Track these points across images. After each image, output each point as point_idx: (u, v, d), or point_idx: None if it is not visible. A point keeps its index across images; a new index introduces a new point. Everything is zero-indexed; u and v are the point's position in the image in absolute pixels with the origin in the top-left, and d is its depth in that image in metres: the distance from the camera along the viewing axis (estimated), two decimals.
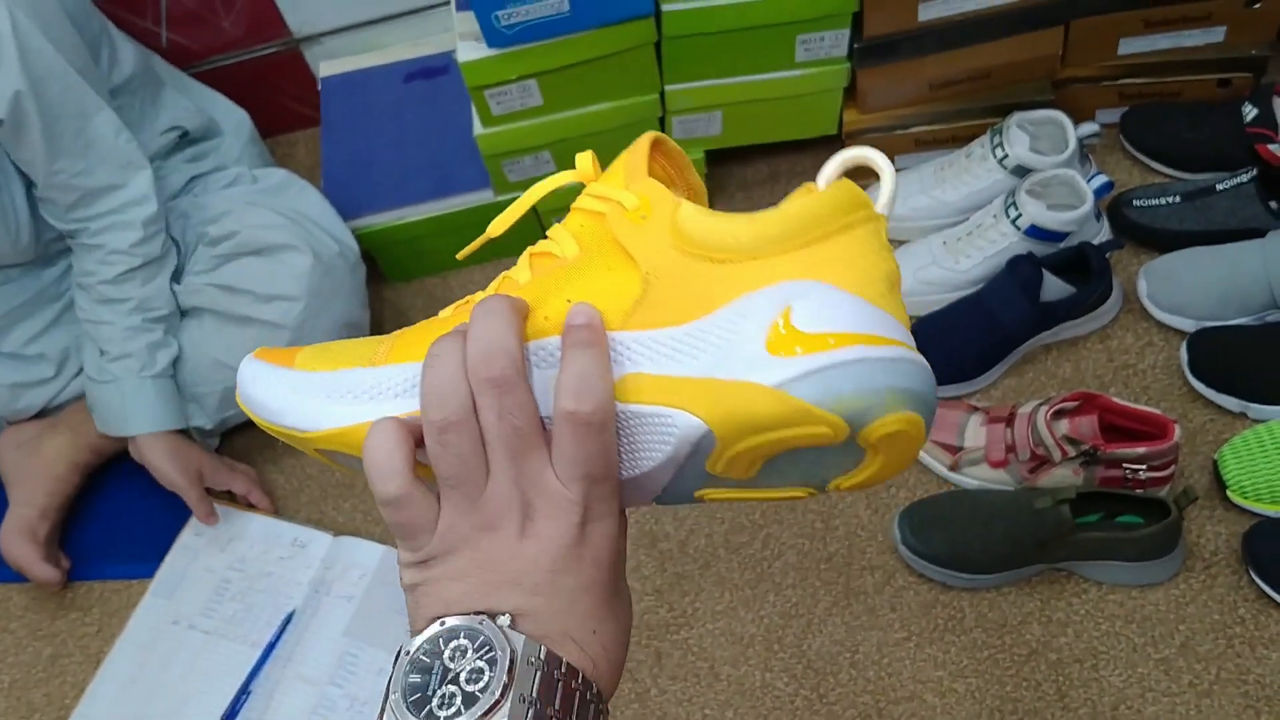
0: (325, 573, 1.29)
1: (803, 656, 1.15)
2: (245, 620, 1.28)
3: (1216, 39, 1.35)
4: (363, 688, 1.21)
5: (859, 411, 0.40)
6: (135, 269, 1.26)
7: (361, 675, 1.22)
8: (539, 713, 0.39)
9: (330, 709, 1.20)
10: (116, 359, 1.26)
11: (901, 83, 1.38)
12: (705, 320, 0.42)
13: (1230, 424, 1.20)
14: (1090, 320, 1.28)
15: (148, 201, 1.25)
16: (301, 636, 1.25)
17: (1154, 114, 1.40)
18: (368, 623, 1.25)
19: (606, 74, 1.31)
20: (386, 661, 1.14)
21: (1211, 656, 1.08)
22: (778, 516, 1.24)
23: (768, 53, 1.33)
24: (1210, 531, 1.14)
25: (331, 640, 1.24)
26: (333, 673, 1.22)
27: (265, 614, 1.28)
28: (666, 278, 0.43)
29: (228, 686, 1.23)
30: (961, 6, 1.28)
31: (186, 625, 1.29)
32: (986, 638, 1.13)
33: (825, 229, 0.43)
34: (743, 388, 0.41)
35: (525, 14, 1.21)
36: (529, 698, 0.39)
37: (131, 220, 1.24)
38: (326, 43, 1.65)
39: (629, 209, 0.45)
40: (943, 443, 1.21)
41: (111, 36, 1.34)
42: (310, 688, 1.22)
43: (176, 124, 1.39)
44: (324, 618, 1.26)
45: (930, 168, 1.41)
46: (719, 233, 0.43)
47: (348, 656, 1.23)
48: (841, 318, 0.42)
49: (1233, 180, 1.28)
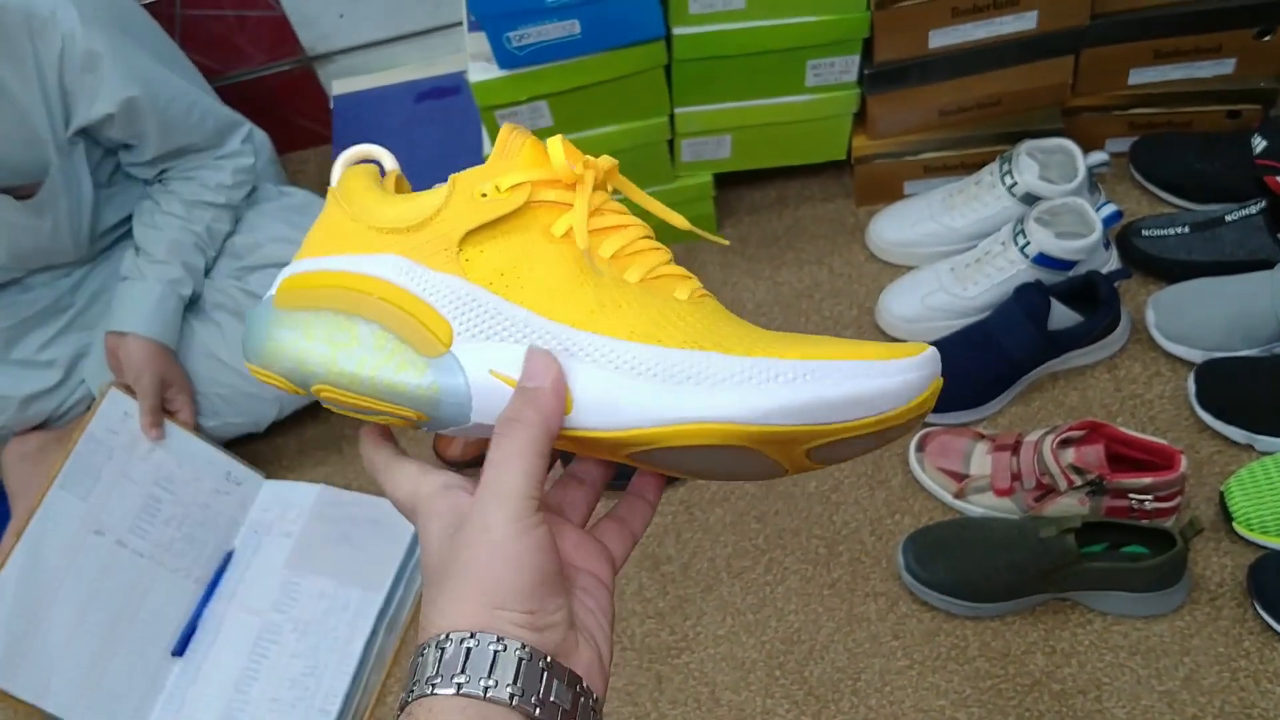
0: (263, 514, 1.35)
1: (804, 683, 1.15)
2: (186, 553, 1.29)
3: (1226, 70, 1.35)
4: (305, 611, 1.26)
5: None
6: (210, 204, 1.34)
7: (304, 601, 1.27)
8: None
9: (275, 634, 1.25)
10: (156, 261, 1.31)
11: (911, 109, 1.39)
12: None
13: (1237, 455, 1.20)
14: (1098, 349, 1.28)
15: (243, 155, 1.38)
16: (244, 574, 1.31)
17: (1164, 144, 1.40)
18: (307, 554, 1.31)
19: (617, 96, 1.31)
20: (328, 587, 1.26)
21: (1216, 690, 1.07)
22: (782, 542, 1.24)
23: (778, 77, 1.33)
24: (1216, 563, 1.14)
25: (273, 573, 1.30)
26: (276, 601, 1.28)
27: (206, 550, 1.31)
28: None
29: (172, 621, 1.26)
30: (972, 34, 1.29)
31: (115, 540, 1.26)
32: (990, 667, 1.12)
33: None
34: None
35: (537, 35, 1.21)
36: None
37: (224, 165, 1.36)
38: (339, 61, 1.66)
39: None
40: (948, 470, 1.21)
41: None
42: (255, 617, 1.27)
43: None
44: (265, 554, 1.32)
45: (939, 194, 1.41)
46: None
47: (290, 585, 1.29)
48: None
49: (1242, 211, 1.28)
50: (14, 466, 1.37)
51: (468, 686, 0.39)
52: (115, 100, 1.22)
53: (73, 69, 1.19)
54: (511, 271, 0.46)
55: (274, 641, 1.24)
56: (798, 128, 1.40)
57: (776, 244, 1.51)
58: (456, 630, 0.40)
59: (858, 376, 0.42)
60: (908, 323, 1.34)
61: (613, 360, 0.44)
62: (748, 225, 1.54)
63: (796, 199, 1.55)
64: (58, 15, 1.16)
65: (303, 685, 1.21)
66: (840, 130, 1.42)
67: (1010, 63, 1.33)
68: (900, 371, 0.43)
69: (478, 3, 1.20)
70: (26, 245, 1.30)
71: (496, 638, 0.40)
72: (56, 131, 1.22)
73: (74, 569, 1.22)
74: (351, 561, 1.28)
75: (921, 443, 1.24)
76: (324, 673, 1.21)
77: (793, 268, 1.47)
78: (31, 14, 1.15)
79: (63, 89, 1.20)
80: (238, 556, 1.31)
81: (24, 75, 1.17)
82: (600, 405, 0.44)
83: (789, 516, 1.26)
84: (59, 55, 1.17)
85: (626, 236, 0.49)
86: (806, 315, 1.42)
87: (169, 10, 1.53)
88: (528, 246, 0.47)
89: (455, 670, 0.39)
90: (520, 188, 0.47)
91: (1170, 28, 1.30)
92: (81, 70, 1.19)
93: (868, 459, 1.28)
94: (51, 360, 1.37)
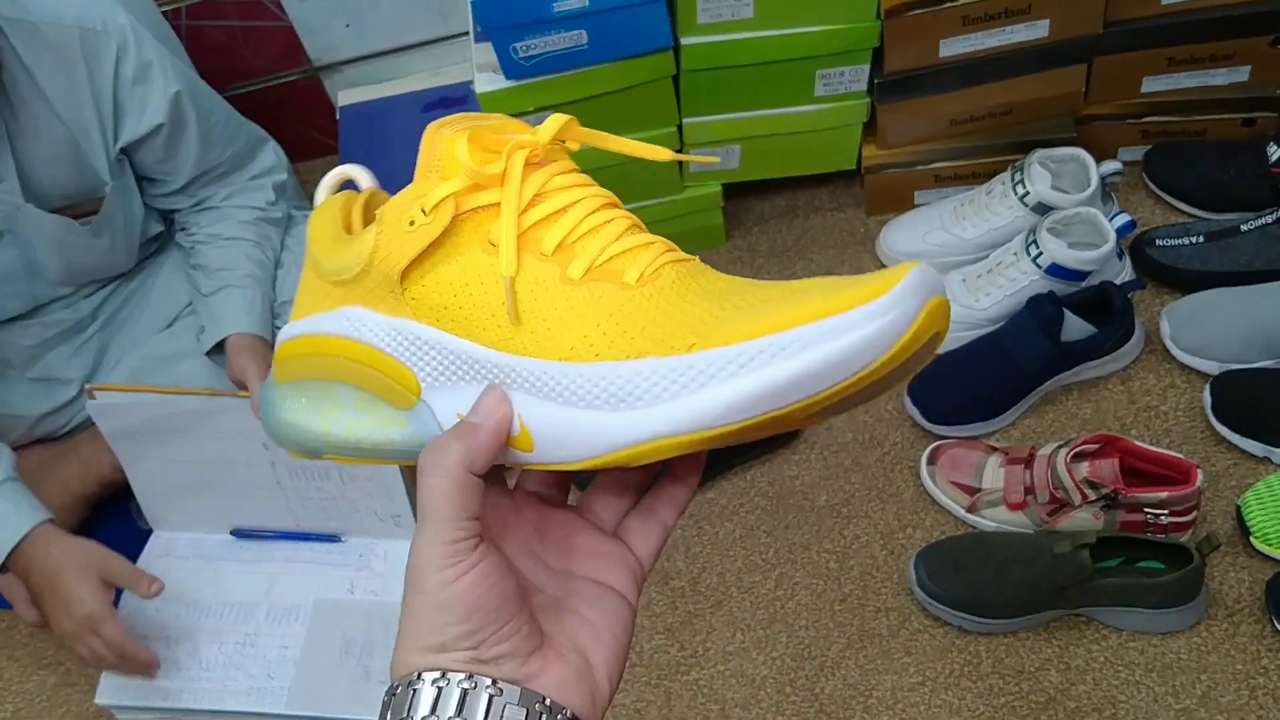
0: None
1: (815, 700, 1.13)
2: (307, 505, 1.28)
3: (1241, 78, 1.34)
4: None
5: None
6: (267, 220, 1.35)
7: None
8: None
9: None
10: (243, 274, 1.29)
11: (922, 118, 1.38)
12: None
13: (1254, 469, 1.18)
14: (1111, 361, 1.26)
15: (278, 171, 1.37)
16: (329, 557, 1.29)
17: (1178, 153, 1.39)
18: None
19: (624, 107, 1.30)
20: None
21: (1234, 708, 1.05)
22: (792, 556, 1.23)
23: (787, 87, 1.32)
24: (1233, 579, 1.12)
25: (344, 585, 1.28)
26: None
27: (324, 517, 1.28)
28: None
29: (254, 520, 1.29)
30: (983, 43, 1.28)
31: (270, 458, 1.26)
32: (1003, 684, 1.10)
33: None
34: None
35: (544, 46, 1.20)
36: None
37: (264, 184, 1.35)
38: (346, 72, 1.65)
39: None
40: (961, 484, 1.19)
41: None
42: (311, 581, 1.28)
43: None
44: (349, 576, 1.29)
45: (950, 204, 1.39)
46: None
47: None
48: None
49: (1258, 221, 1.27)
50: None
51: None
52: (163, 109, 1.21)
53: (126, 82, 1.19)
54: (454, 301, 0.42)
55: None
56: (807, 138, 1.39)
57: (786, 254, 1.50)
58: (416, 670, 0.41)
59: (821, 340, 0.37)
60: None
61: (553, 389, 0.41)
62: (756, 235, 1.53)
63: (806, 209, 1.54)
64: (110, 28, 1.16)
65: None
66: (850, 140, 1.41)
67: (1022, 71, 1.32)
68: (872, 317, 0.36)
69: (484, 13, 1.19)
70: (83, 263, 1.30)
71: (441, 674, 0.40)
72: (109, 149, 1.22)
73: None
74: None
75: (933, 456, 1.23)
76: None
77: (802, 278, 1.46)
78: (85, 28, 1.14)
79: (115, 104, 1.20)
80: (341, 546, 1.29)
81: (76, 94, 1.17)
82: (554, 440, 0.41)
83: (799, 530, 1.24)
84: (114, 68, 1.17)
85: (572, 219, 0.43)
86: None
87: (175, 21, 1.53)
88: (468, 267, 0.42)
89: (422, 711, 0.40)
90: (445, 204, 0.42)
91: (1184, 35, 1.29)
92: (134, 83, 1.19)
93: (878, 474, 1.26)
94: (69, 377, 1.36)
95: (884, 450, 1.29)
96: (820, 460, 1.29)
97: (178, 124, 1.24)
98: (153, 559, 1.31)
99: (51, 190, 1.21)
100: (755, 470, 1.30)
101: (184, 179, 1.30)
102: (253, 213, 1.33)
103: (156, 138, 1.24)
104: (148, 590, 1.14)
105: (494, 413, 0.41)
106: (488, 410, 0.42)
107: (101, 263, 1.32)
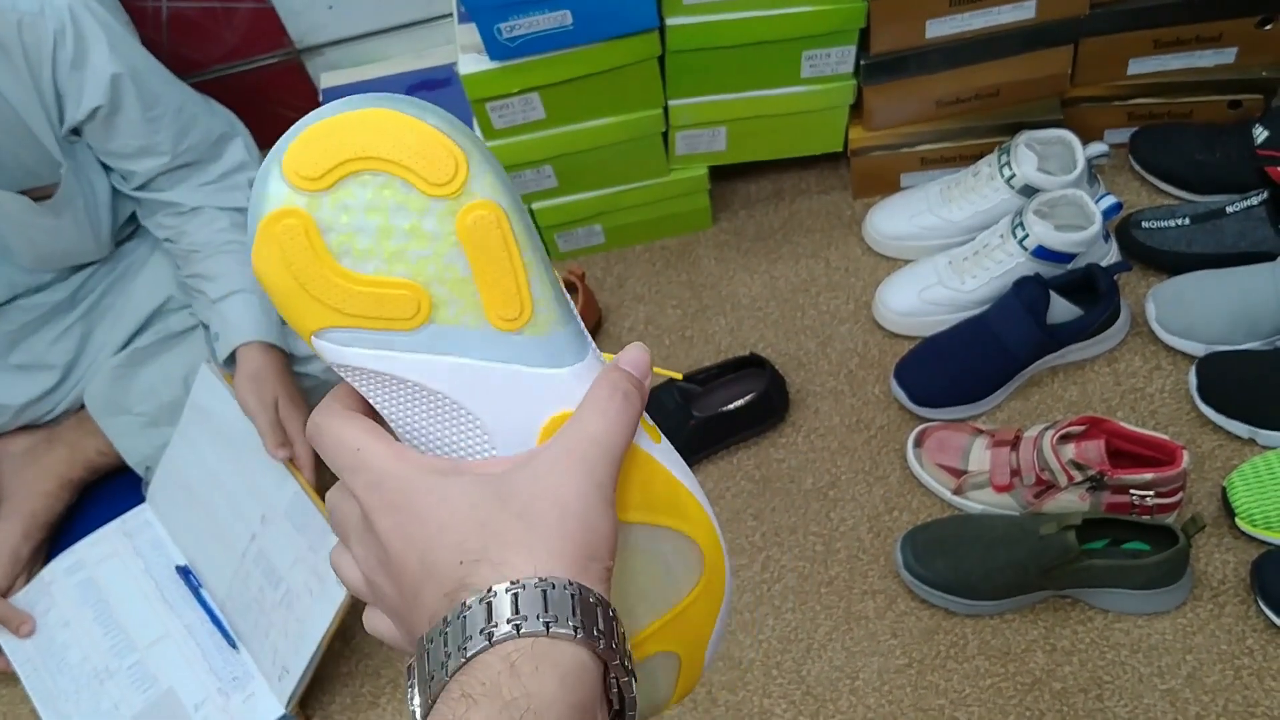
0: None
1: (802, 682, 1.13)
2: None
3: (1227, 60, 1.33)
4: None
5: None
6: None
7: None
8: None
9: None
10: (245, 279, 1.27)
11: (908, 100, 1.37)
12: None
13: (1239, 450, 1.18)
14: (1098, 343, 1.26)
15: (250, 166, 1.33)
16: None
17: (1164, 135, 1.39)
18: None
19: (610, 88, 1.30)
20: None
21: (1219, 688, 1.05)
22: (778, 539, 1.22)
23: (773, 68, 1.31)
24: (1218, 560, 1.12)
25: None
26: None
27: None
28: None
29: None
30: (969, 24, 1.27)
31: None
32: (989, 666, 1.11)
33: None
34: None
35: (528, 26, 1.19)
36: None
37: (238, 182, 1.32)
38: (328, 54, 1.64)
39: None
40: (947, 466, 1.19)
41: None
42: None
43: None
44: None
45: (936, 186, 1.39)
46: None
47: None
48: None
49: (1243, 203, 1.27)
50: (3, 464, 1.35)
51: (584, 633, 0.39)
52: (101, 91, 1.18)
53: (64, 66, 1.16)
54: None
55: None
56: (794, 120, 1.39)
57: (773, 237, 1.49)
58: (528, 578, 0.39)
59: None
60: (905, 316, 1.33)
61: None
62: (743, 219, 1.52)
63: (793, 192, 1.53)
64: (47, 10, 1.13)
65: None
66: (837, 122, 1.41)
67: (1008, 53, 1.31)
68: None
69: None
70: (49, 246, 1.28)
71: (571, 582, 0.39)
72: (55, 130, 1.20)
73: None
74: None
75: (919, 438, 1.23)
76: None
77: (789, 261, 1.46)
78: (23, 13, 1.12)
79: (56, 88, 1.17)
80: (231, 656, 1.24)
81: (19, 79, 1.15)
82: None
83: (786, 513, 1.24)
84: (52, 53, 1.15)
85: None
86: (803, 310, 1.40)
87: (155, 2, 1.51)
88: None
89: (561, 615, 0.38)
90: None
91: (1170, 16, 1.29)
92: (73, 67, 1.17)
93: (864, 457, 1.26)
94: (51, 364, 1.35)
95: (870, 433, 1.28)
96: (806, 443, 1.29)
97: (115, 105, 1.20)
98: (112, 533, 1.31)
99: (14, 167, 1.20)
100: (741, 453, 1.30)
101: (143, 168, 1.26)
102: (237, 215, 1.30)
103: (95, 119, 1.20)
104: (16, 631, 1.27)
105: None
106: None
107: (71, 246, 1.30)
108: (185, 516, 1.29)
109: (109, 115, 1.21)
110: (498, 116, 1.31)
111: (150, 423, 1.31)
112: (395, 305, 0.41)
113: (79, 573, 1.29)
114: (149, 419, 1.31)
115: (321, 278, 0.41)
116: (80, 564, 1.29)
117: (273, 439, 1.18)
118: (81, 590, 1.28)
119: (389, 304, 0.41)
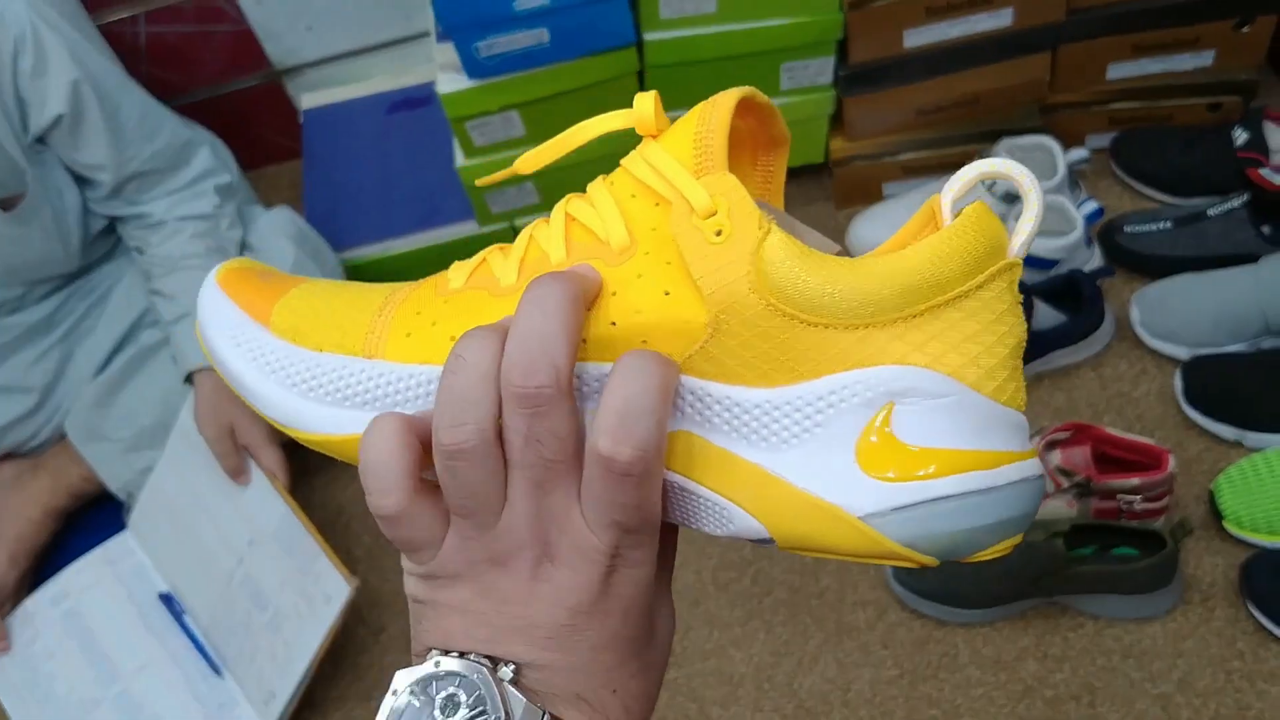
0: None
1: (794, 696, 1.13)
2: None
3: (1206, 63, 1.34)
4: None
5: (955, 548, 0.35)
6: (215, 229, 1.30)
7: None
8: None
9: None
10: (184, 312, 1.26)
11: (888, 110, 1.37)
12: (784, 393, 0.35)
13: (1226, 453, 1.18)
14: (1082, 348, 1.26)
15: (218, 174, 1.32)
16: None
17: (1145, 139, 1.39)
18: None
19: (589, 104, 1.29)
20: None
21: (1210, 692, 1.05)
22: (768, 552, 1.22)
23: (752, 81, 1.29)
24: (1207, 563, 1.12)
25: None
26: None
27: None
28: (738, 325, 0.35)
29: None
30: (947, 33, 1.27)
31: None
32: (981, 675, 1.10)
33: (951, 290, 0.34)
34: (822, 509, 0.35)
35: (506, 44, 1.19)
36: None
37: (203, 189, 1.30)
38: (308, 74, 1.63)
39: (698, 211, 0.35)
40: None
41: None
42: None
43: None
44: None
45: (919, 195, 1.39)
46: (814, 292, 0.34)
47: None
48: (952, 430, 0.34)
49: (1224, 205, 1.27)
50: None
51: None
52: (62, 99, 1.17)
53: (25, 75, 1.15)
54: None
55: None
56: None
57: None
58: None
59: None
60: None
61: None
62: None
63: None
64: (6, 18, 1.12)
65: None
66: (817, 133, 1.41)
67: (987, 60, 1.31)
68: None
69: (445, 12, 1.18)
70: (16, 257, 1.26)
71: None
72: (20, 138, 1.19)
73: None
74: None
75: None
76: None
77: None
78: None
79: (18, 97, 1.16)
80: (215, 682, 1.24)
81: None
82: None
83: None
84: (12, 62, 1.14)
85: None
86: None
87: (133, 28, 1.51)
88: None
89: None
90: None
91: (1148, 21, 1.29)
92: (33, 75, 1.15)
93: None
94: (29, 386, 1.34)
95: None
96: None
97: (78, 112, 1.19)
98: (94, 561, 1.30)
99: None
100: None
101: (109, 177, 1.25)
102: (199, 224, 1.29)
103: (60, 128, 1.19)
104: None
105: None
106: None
107: (38, 257, 1.28)
108: (169, 542, 1.29)
109: (73, 123, 1.19)
110: (478, 134, 1.30)
111: (130, 447, 1.30)
112: None
113: (63, 603, 1.28)
114: (128, 444, 1.30)
115: None
116: (64, 594, 1.28)
117: (227, 466, 1.21)
118: (66, 621, 1.27)
119: None
